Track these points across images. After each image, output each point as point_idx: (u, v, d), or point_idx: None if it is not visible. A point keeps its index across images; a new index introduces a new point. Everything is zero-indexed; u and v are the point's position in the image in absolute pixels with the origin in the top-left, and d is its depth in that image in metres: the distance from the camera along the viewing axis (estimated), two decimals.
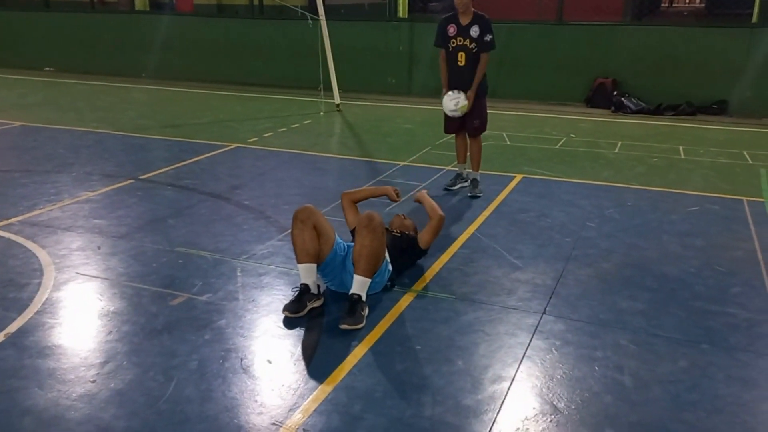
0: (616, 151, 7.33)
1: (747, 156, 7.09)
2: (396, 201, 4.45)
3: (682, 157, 7.11)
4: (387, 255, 3.83)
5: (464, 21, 5.50)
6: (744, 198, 5.67)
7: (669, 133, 8.29)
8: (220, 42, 12.33)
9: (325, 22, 9.40)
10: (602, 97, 9.67)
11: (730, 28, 9.59)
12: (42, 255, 4.43)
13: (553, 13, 10.26)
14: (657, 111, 9.35)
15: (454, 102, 5.52)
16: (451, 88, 5.66)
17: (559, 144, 7.64)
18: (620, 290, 4.00)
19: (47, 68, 13.80)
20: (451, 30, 5.53)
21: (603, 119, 9.17)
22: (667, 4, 37.00)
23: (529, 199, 5.67)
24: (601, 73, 9.83)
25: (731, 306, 3.80)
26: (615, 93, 9.62)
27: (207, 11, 14.39)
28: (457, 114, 5.57)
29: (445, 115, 5.79)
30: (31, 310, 3.69)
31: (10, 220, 5.05)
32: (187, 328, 3.51)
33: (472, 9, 5.50)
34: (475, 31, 5.46)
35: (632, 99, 9.53)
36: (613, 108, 9.52)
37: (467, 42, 5.48)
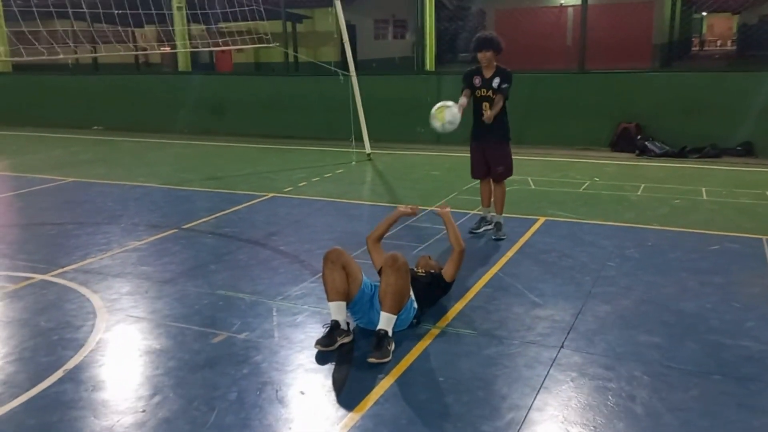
0: (639, 193, 7.52)
1: None
2: (413, 215, 4.74)
3: (705, 198, 7.26)
4: (412, 293, 4.09)
5: (487, 74, 5.86)
6: (764, 237, 5.79)
7: (692, 175, 8.45)
8: (258, 98, 12.97)
9: (355, 77, 9.92)
10: (626, 141, 9.90)
11: (753, 72, 9.78)
12: (95, 299, 4.80)
13: (575, 62, 10.61)
14: (681, 154, 9.53)
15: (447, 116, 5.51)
16: (476, 134, 5.99)
17: (583, 187, 7.87)
18: (637, 325, 4.17)
19: (95, 127, 14.62)
20: (477, 81, 5.88)
21: (627, 163, 9.37)
22: (697, 48, 37.17)
23: (551, 240, 5.89)
24: (625, 118, 10.09)
25: (745, 339, 3.94)
26: (639, 137, 9.83)
27: (246, 70, 15.14)
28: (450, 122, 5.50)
29: (472, 162, 6.12)
30: (86, 349, 4.03)
31: (65, 268, 5.47)
32: (227, 364, 3.79)
33: (495, 63, 5.87)
34: (496, 82, 5.81)
35: (656, 143, 9.73)
36: (637, 152, 9.73)
37: (490, 93, 5.83)
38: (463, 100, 5.80)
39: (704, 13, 34.59)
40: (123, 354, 3.97)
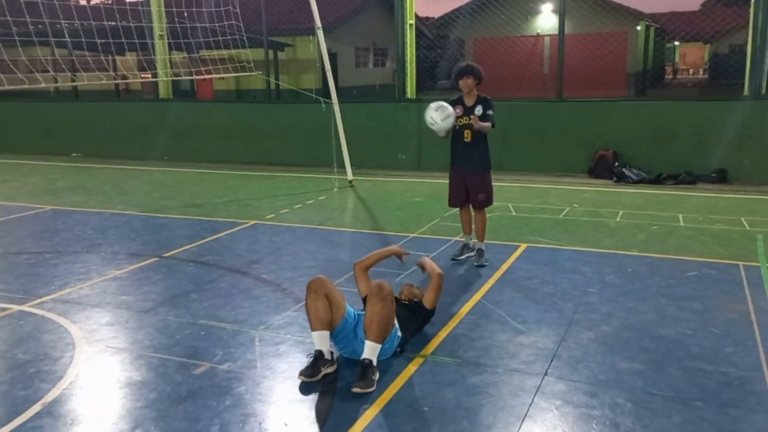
0: (618, 219, 7.63)
1: (744, 222, 7.36)
2: (402, 258, 4.79)
3: (682, 224, 7.38)
4: (396, 322, 4.09)
5: (469, 102, 5.96)
6: (740, 263, 5.90)
7: (669, 201, 8.60)
8: (239, 125, 12.99)
9: (337, 104, 10.00)
10: (604, 168, 10.06)
11: (725, 101, 10.02)
12: (74, 330, 4.73)
13: (553, 91, 10.82)
14: (658, 180, 9.70)
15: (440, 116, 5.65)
16: (456, 162, 6.07)
17: (563, 214, 7.96)
18: (619, 352, 4.21)
19: (75, 154, 14.50)
20: (458, 110, 5.97)
21: (605, 189, 9.51)
22: (670, 77, 38.13)
23: (533, 266, 5.94)
24: (602, 145, 10.27)
25: (725, 365, 3.99)
26: (616, 164, 10.00)
27: (227, 97, 15.15)
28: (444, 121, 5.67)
29: (450, 189, 6.17)
30: (65, 381, 3.96)
31: (43, 299, 5.39)
32: (209, 395, 3.75)
33: (476, 92, 5.97)
34: (479, 110, 5.91)
35: (633, 169, 9.90)
36: (615, 178, 9.89)
37: (472, 121, 5.92)
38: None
39: (677, 43, 35.57)
40: (102, 386, 3.91)
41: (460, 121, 5.95)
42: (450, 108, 5.75)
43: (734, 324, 4.59)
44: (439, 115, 5.69)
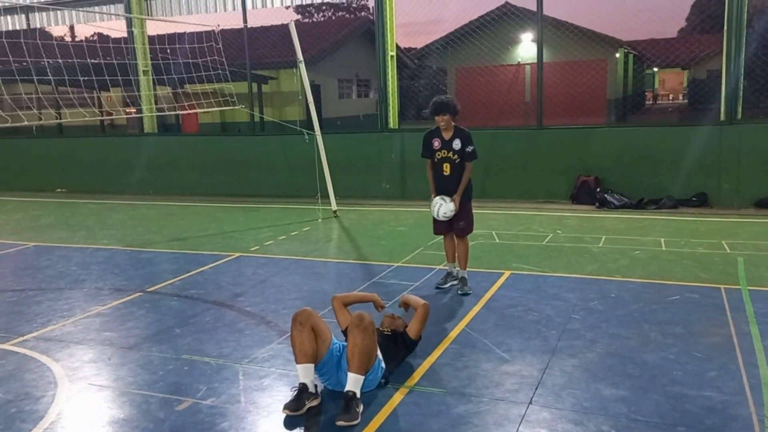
0: (601, 245, 7.70)
1: (725, 245, 7.45)
2: (379, 309, 4.80)
3: (664, 248, 7.46)
4: (379, 353, 4.09)
5: (447, 136, 6.03)
6: (722, 286, 5.96)
7: (651, 226, 8.70)
8: (223, 158, 13.03)
9: (320, 136, 10.08)
10: (586, 193, 10.18)
11: (702, 126, 10.19)
12: (56, 368, 4.68)
13: (534, 119, 10.99)
14: (639, 205, 9.82)
15: (441, 210, 5.98)
16: (438, 192, 6.13)
17: (546, 240, 8.02)
18: (603, 378, 4.22)
19: (59, 189, 14.45)
20: (436, 143, 6.05)
21: (588, 215, 9.61)
22: (651, 102, 38.70)
23: (516, 294, 5.96)
24: (584, 171, 10.40)
25: (707, 389, 4.02)
26: (598, 190, 10.12)
27: (212, 130, 15.20)
28: (447, 217, 5.99)
29: (434, 217, 6.23)
30: (46, 421, 3.90)
31: (25, 337, 5.33)
32: None
33: (453, 124, 6.05)
34: (456, 144, 5.98)
35: (615, 195, 10.02)
36: (597, 204, 9.99)
37: (450, 154, 5.99)
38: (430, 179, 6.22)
39: (656, 69, 36.24)
40: (85, 425, 3.86)
41: (439, 155, 6.03)
42: (438, 204, 6.00)
43: (717, 348, 4.63)
44: (442, 211, 5.98)
